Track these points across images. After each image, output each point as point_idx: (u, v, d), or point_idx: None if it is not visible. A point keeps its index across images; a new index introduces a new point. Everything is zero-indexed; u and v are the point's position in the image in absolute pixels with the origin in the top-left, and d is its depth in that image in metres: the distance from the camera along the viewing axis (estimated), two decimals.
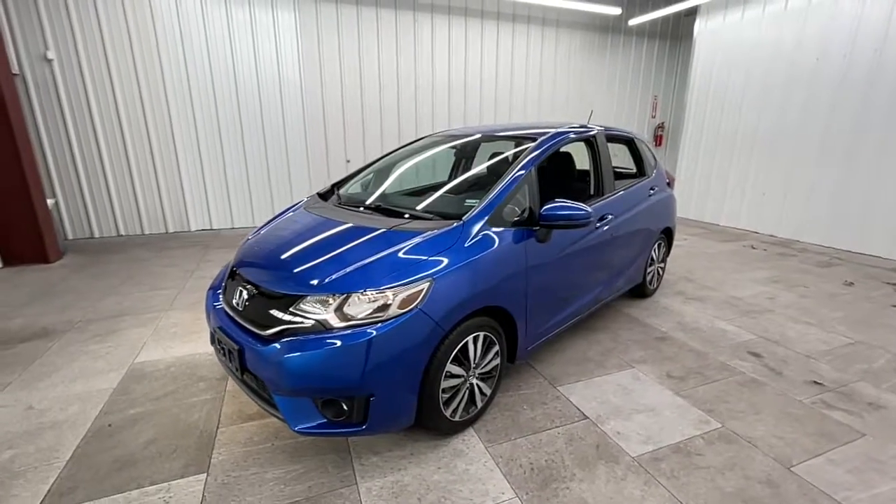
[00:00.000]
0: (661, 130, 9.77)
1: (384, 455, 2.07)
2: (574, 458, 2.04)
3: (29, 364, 2.86)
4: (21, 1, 5.49)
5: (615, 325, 3.50)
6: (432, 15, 7.46)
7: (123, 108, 6.14)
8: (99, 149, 6.16)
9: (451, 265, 1.97)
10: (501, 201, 2.29)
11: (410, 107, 7.71)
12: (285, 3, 6.60)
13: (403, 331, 1.80)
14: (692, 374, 2.77)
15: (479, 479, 1.92)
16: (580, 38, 8.59)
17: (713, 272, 4.86)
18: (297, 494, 1.84)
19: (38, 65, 5.71)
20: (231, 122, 6.70)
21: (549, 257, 2.48)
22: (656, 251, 3.92)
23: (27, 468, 1.97)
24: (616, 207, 3.13)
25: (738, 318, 3.64)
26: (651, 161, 3.89)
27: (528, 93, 8.48)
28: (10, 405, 2.43)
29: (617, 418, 2.34)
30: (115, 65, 5.98)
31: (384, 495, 1.83)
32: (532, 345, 2.58)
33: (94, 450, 2.09)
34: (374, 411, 1.81)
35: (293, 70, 6.83)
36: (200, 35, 6.28)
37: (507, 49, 8.09)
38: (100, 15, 5.81)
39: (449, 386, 2.05)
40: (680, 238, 6.44)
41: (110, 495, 1.83)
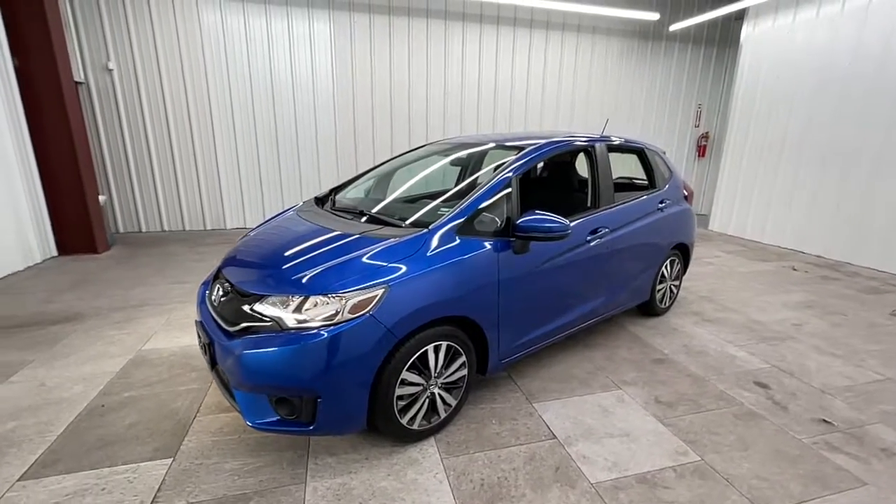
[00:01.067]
0: (705, 141, 9.24)
1: (340, 457, 2.10)
2: (529, 479, 1.98)
3: (53, 345, 3.16)
4: (88, 16, 6.11)
5: (613, 342, 3.35)
6: (463, 24, 7.52)
7: (171, 114, 6.65)
8: (149, 151, 6.71)
9: (409, 273, 1.97)
10: (472, 212, 2.27)
11: (439, 114, 7.79)
12: (321, 15, 6.91)
13: (353, 335, 1.82)
14: (683, 401, 2.60)
15: (426, 490, 1.90)
16: (617, 45, 8.33)
17: (740, 293, 4.52)
18: (247, 487, 1.91)
19: (101, 74, 6.32)
20: (267, 128, 7.08)
21: (526, 270, 2.43)
22: (668, 268, 3.72)
23: (23, 439, 2.18)
24: (613, 220, 3.00)
25: (753, 344, 3.37)
26: (664, 173, 3.70)
27: (561, 101, 8.32)
28: (26, 381, 2.69)
29: (587, 441, 2.24)
30: (166, 75, 6.51)
31: (328, 496, 1.86)
32: (508, 358, 2.53)
33: (83, 427, 2.28)
34: (322, 413, 1.84)
35: (326, 78, 7.12)
36: (242, 47, 6.70)
37: (539, 57, 7.99)
38: (154, 29, 6.35)
39: (406, 393, 2.06)
40: (712, 255, 6.06)
41: (85, 470, 1.98)
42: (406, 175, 3.26)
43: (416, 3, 7.22)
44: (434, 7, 7.31)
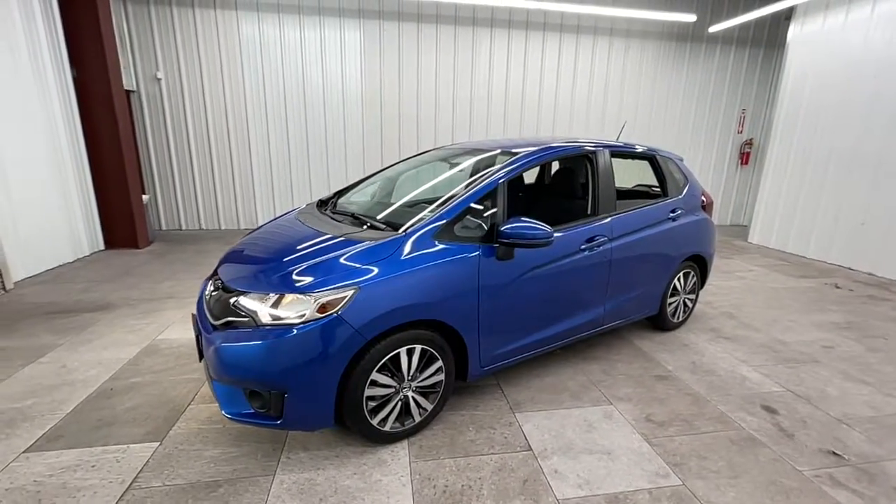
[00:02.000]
0: (749, 147, 8.72)
1: (313, 452, 2.16)
2: (493, 489, 1.94)
3: (82, 331, 3.44)
4: (142, 31, 6.64)
5: (615, 356, 3.23)
6: (491, 30, 7.53)
7: (211, 119, 7.09)
8: (190, 154, 7.17)
9: (380, 275, 2.00)
10: (452, 217, 2.27)
11: (465, 119, 7.83)
12: (352, 24, 7.14)
13: (319, 334, 1.87)
14: (677, 422, 2.46)
15: (387, 492, 1.92)
16: (653, 48, 8.04)
17: (768, 310, 4.23)
18: (220, 474, 1.99)
19: (150, 83, 6.84)
20: (298, 133, 7.38)
21: (511, 277, 2.40)
22: (681, 280, 3.54)
23: (37, 415, 2.39)
24: (614, 229, 2.90)
25: (770, 365, 3.14)
26: (678, 181, 3.53)
27: (592, 106, 8.13)
28: (52, 362, 2.95)
29: (563, 455, 2.17)
30: (208, 83, 6.95)
31: (292, 490, 1.91)
32: (491, 366, 2.50)
33: (89, 408, 2.46)
34: (289, 408, 1.90)
35: (356, 84, 7.34)
36: (277, 56, 7.04)
37: (568, 61, 7.86)
38: (198, 41, 6.80)
39: (377, 394, 2.08)
40: (745, 269, 5.70)
41: (82, 447, 2.14)
42: (410, 179, 3.31)
43: (444, 10, 7.31)
44: (462, 14, 7.37)
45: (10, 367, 2.88)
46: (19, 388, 2.64)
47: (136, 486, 1.91)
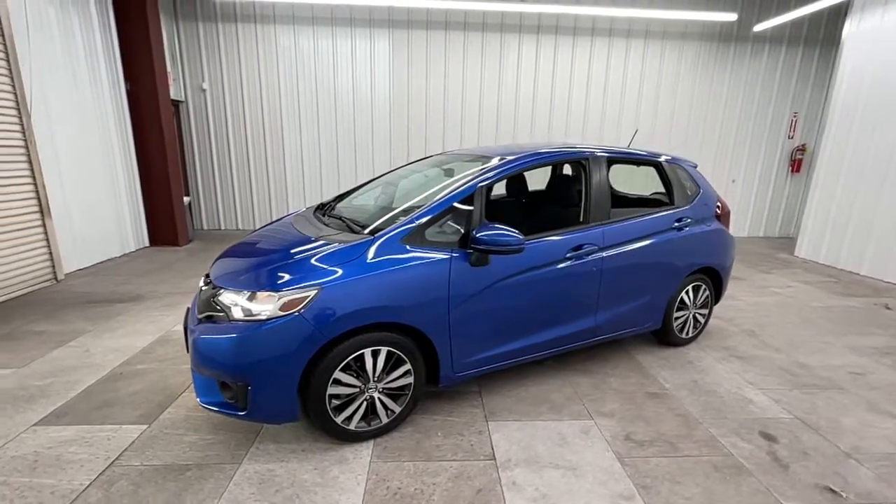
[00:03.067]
0: (801, 154, 8.06)
1: (281, 445, 2.24)
2: (445, 496, 1.93)
3: (110, 319, 3.77)
4: (191, 46, 7.19)
5: (610, 369, 3.10)
6: (519, 35, 7.49)
7: (249, 127, 7.54)
8: (229, 159, 7.66)
9: (344, 277, 2.06)
10: (423, 221, 2.29)
11: (491, 124, 7.81)
12: (381, 33, 7.36)
13: (281, 331, 1.96)
14: (658, 442, 2.33)
15: (341, 488, 1.96)
16: (692, 50, 7.66)
17: (796, 330, 3.89)
18: (193, 459, 2.12)
19: (197, 94, 7.39)
20: (329, 137, 7.68)
21: (485, 283, 2.38)
22: (689, 294, 3.34)
23: (52, 393, 2.65)
24: (606, 237, 2.80)
25: (783, 389, 2.90)
26: (687, 189, 3.35)
27: (624, 111, 7.86)
28: (77, 346, 3.26)
29: (526, 468, 2.12)
30: (247, 93, 7.40)
31: (252, 479, 2.00)
32: (465, 372, 2.49)
33: (98, 390, 2.70)
34: (252, 400, 2.00)
35: (384, 90, 7.55)
36: (311, 66, 7.39)
37: (600, 65, 7.65)
38: (240, 53, 7.27)
39: (340, 393, 2.13)
40: (783, 284, 5.27)
41: (81, 424, 2.36)
42: (405, 184, 3.36)
43: (472, 18, 7.36)
44: (490, 21, 7.39)
45: (43, 348, 3.21)
46: (45, 368, 2.93)
47: (117, 464, 2.07)
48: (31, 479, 1.96)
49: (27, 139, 4.42)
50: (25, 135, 4.41)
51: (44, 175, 4.60)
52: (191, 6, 7.06)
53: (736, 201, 8.32)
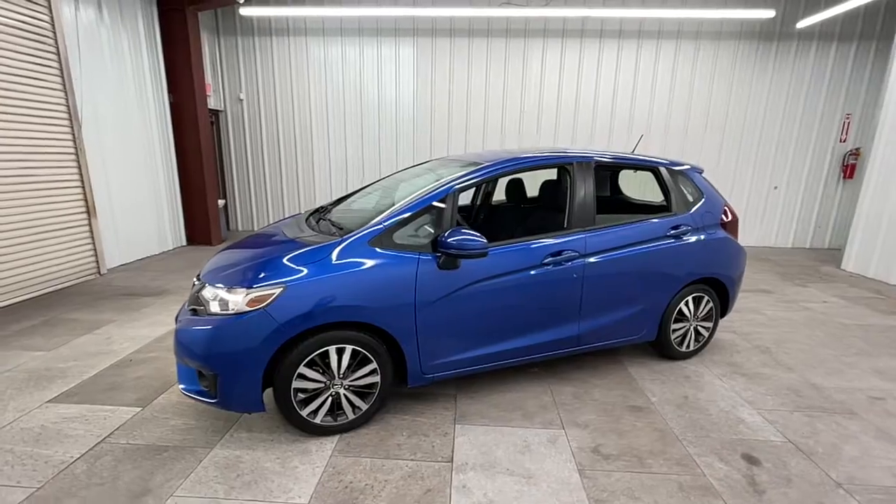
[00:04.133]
0: (854, 158, 7.41)
1: (253, 434, 2.37)
2: (393, 493, 1.97)
3: (135, 311, 4.11)
4: (231, 59, 7.71)
5: (597, 379, 3.01)
6: (544, 40, 7.43)
7: (282, 135, 7.95)
8: (263, 165, 8.11)
9: (309, 276, 2.16)
10: (391, 224, 2.36)
11: (515, 128, 7.78)
12: (406, 40, 7.55)
13: (246, 326, 2.08)
14: (627, 457, 2.25)
15: (297, 478, 2.05)
16: (728, 50, 7.27)
17: (819, 349, 3.60)
18: (172, 441, 2.29)
19: (234, 104, 7.90)
20: (355, 143, 7.96)
21: (455, 287, 2.41)
22: (689, 305, 3.19)
23: (69, 374, 2.94)
24: (588, 244, 2.74)
25: (784, 411, 2.70)
26: (687, 195, 3.20)
27: (654, 116, 7.58)
28: (102, 334, 3.58)
29: (480, 472, 2.12)
30: (280, 102, 7.82)
31: (219, 464, 2.14)
32: (435, 374, 2.52)
33: (108, 374, 2.97)
34: (220, 389, 2.14)
35: (408, 96, 7.73)
36: (339, 75, 7.70)
37: (628, 68, 7.44)
38: (274, 65, 7.70)
39: (305, 388, 2.23)
40: (817, 298, 4.88)
41: (87, 404, 2.60)
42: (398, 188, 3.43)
43: (495, 25, 7.40)
44: (514, 27, 7.39)
45: (72, 334, 3.56)
46: (69, 353, 3.26)
47: (106, 441, 2.28)
48: (32, 449, 2.20)
49: (77, 147, 4.92)
50: (76, 143, 4.91)
51: (91, 179, 5.09)
52: (231, 22, 7.58)
53: (778, 210, 7.78)
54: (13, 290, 4.26)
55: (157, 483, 2.00)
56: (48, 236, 4.62)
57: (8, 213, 4.21)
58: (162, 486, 1.98)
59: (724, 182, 7.68)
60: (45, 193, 4.58)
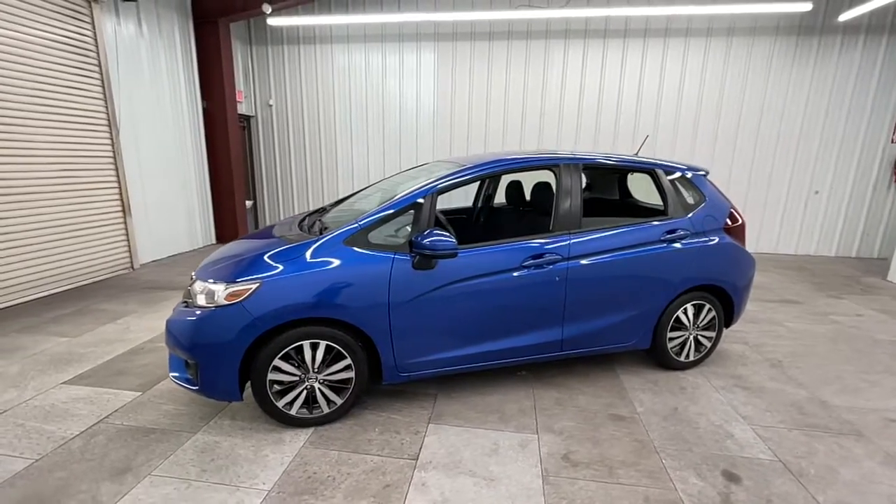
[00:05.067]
0: None
1: (236, 422, 2.49)
2: (353, 486, 2.02)
3: (156, 304, 4.40)
4: (262, 67, 8.09)
5: (585, 386, 2.94)
6: (566, 41, 7.32)
7: (308, 138, 8.25)
8: (290, 168, 8.44)
9: (283, 273, 2.26)
10: (366, 224, 2.42)
11: (534, 132, 7.70)
12: (427, 46, 7.65)
13: (223, 319, 2.20)
14: (596, 466, 2.19)
15: (265, 466, 2.14)
16: (764, 47, 6.89)
17: (838, 365, 3.34)
18: (161, 424, 2.45)
19: (264, 109, 8.28)
20: (377, 146, 8.13)
21: (431, 287, 2.43)
22: (688, 313, 3.05)
23: (87, 359, 3.19)
24: (572, 248, 2.69)
25: (782, 428, 2.53)
26: (686, 198, 3.07)
27: (681, 118, 7.28)
28: (123, 324, 3.87)
29: (442, 471, 2.13)
30: (306, 107, 8.13)
31: (197, 448, 2.26)
32: (411, 373, 2.55)
33: (120, 360, 3.20)
34: (202, 377, 2.27)
35: (429, 99, 7.83)
36: (362, 79, 7.91)
37: (654, 69, 7.19)
38: (301, 71, 8.01)
39: (281, 380, 2.32)
40: (851, 311, 4.52)
41: (95, 387, 2.82)
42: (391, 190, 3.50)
43: (516, 27, 7.36)
44: (535, 28, 7.33)
45: (97, 323, 3.87)
46: (91, 339, 3.54)
47: (104, 421, 2.47)
48: (40, 425, 2.42)
49: (115, 151, 5.34)
50: (114, 147, 5.33)
51: (127, 180, 5.50)
52: (263, 32, 7.96)
53: (819, 216, 7.26)
54: (54, 282, 4.67)
55: (139, 462, 2.15)
56: (86, 233, 5.03)
57: (51, 212, 4.62)
58: (143, 465, 2.13)
59: (758, 187, 7.26)
60: (84, 193, 4.99)
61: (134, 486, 1.99)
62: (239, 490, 1.98)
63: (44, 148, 4.53)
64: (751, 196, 7.36)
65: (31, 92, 4.38)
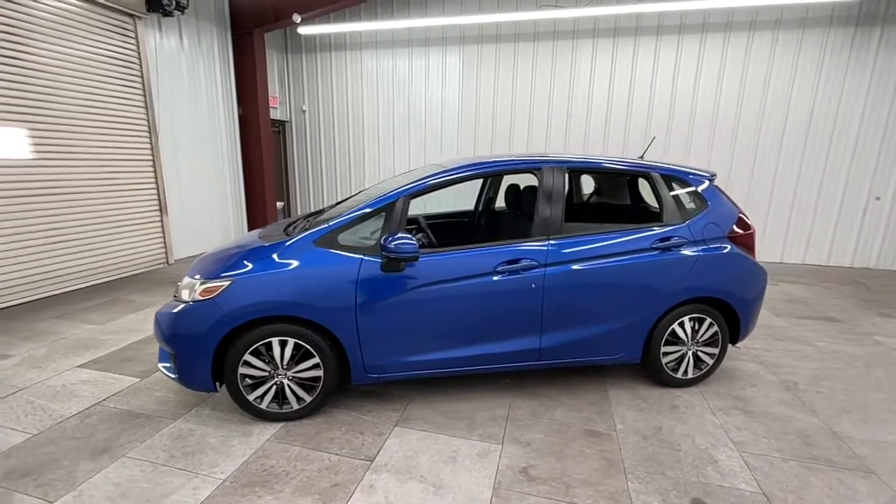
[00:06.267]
0: None
1: (215, 412, 2.62)
2: (303, 482, 2.06)
3: None
4: (296, 73, 8.47)
5: (565, 398, 2.83)
6: (594, 40, 7.09)
7: (338, 142, 8.54)
8: (321, 169, 8.76)
9: (252, 271, 2.35)
10: (336, 226, 2.47)
11: (560, 133, 7.51)
12: (453, 49, 7.69)
13: (198, 313, 2.33)
14: (554, 482, 2.10)
15: (229, 456, 2.23)
16: (816, 39, 6.31)
17: (867, 392, 2.99)
18: (148, 410, 2.63)
19: (298, 114, 8.65)
20: (402, 148, 8.26)
21: (399, 290, 2.44)
22: (685, 327, 2.85)
23: (104, 345, 3.48)
24: (550, 254, 2.60)
25: (776, 458, 2.30)
26: (686, 204, 2.87)
27: (720, 119, 6.82)
28: (143, 314, 4.18)
29: (394, 475, 2.12)
30: (336, 111, 8.41)
31: (173, 435, 2.40)
32: (381, 374, 2.57)
33: (131, 347, 3.46)
34: (178, 367, 2.41)
35: (454, 103, 7.85)
36: (389, 85, 8.07)
37: (689, 67, 6.80)
38: (332, 77, 8.31)
39: (251, 374, 2.42)
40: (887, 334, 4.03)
41: (102, 371, 3.07)
42: None
43: (542, 27, 7.22)
44: (561, 28, 7.15)
45: (123, 313, 4.20)
46: (114, 327, 3.85)
47: (101, 403, 2.68)
48: (46, 403, 2.67)
49: (154, 154, 5.78)
50: (153, 151, 5.77)
51: (164, 181, 5.95)
52: (297, 41, 8.32)
53: (881, 225, 6.53)
54: (94, 274, 5.13)
55: (118, 444, 2.31)
56: (126, 229, 5.49)
57: (95, 210, 5.09)
58: (122, 446, 2.29)
59: (807, 192, 6.65)
60: (125, 193, 5.45)
61: (107, 465, 2.15)
62: (197, 477, 2.08)
63: (89, 152, 4.99)
64: (798, 201, 6.75)
65: (80, 101, 4.85)
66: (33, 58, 4.42)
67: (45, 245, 4.63)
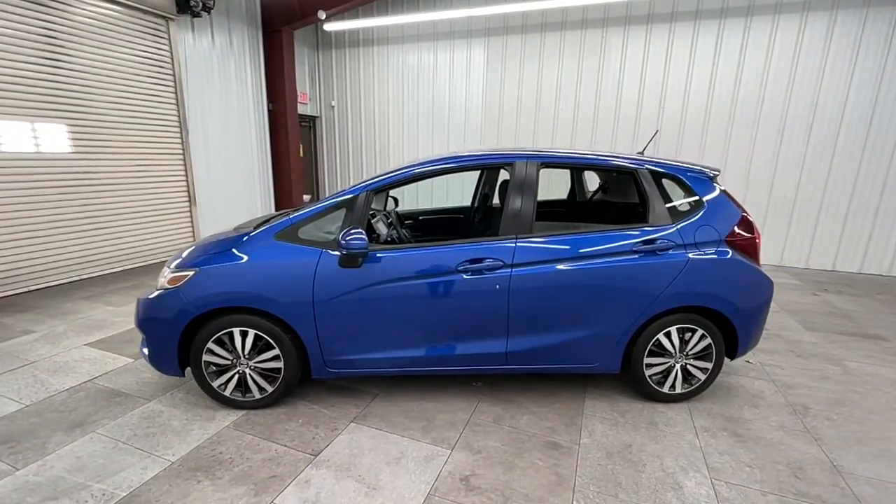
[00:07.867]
0: None
1: (188, 396, 2.73)
2: (244, 470, 2.10)
3: None
4: (326, 70, 8.67)
5: (537, 406, 2.69)
6: (626, 27, 6.69)
7: (364, 136, 8.68)
8: (349, 162, 8.94)
9: (213, 263, 2.42)
10: (297, 220, 2.48)
11: (588, 125, 7.17)
12: (478, 42, 7.55)
13: (163, 301, 2.43)
14: (493, 494, 1.99)
15: (184, 440, 2.31)
16: (882, 19, 5.58)
17: (890, 423, 2.61)
18: (130, 390, 2.78)
19: (327, 110, 8.87)
20: (426, 140, 8.24)
21: (356, 286, 2.42)
22: (672, 338, 2.62)
23: (114, 327, 3.74)
24: (517, 253, 2.46)
25: (755, 490, 2.05)
26: (675, 204, 2.63)
27: (764, 107, 6.22)
28: None
29: (333, 471, 2.11)
30: (363, 106, 8.55)
31: (143, 415, 2.53)
32: (340, 370, 2.57)
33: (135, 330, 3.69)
34: (149, 350, 2.53)
35: (478, 96, 7.73)
36: (414, 78, 8.07)
37: (732, 54, 6.24)
38: (360, 73, 8.43)
39: (214, 362, 2.49)
40: None
41: (104, 350, 3.30)
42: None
43: (571, 16, 6.91)
44: (591, 17, 6.80)
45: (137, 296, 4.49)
46: (130, 310, 4.13)
47: (92, 380, 2.88)
48: (47, 377, 2.90)
49: (184, 149, 6.14)
50: (183, 145, 6.13)
51: (193, 174, 6.30)
52: (327, 37, 8.51)
53: None
54: (125, 259, 5.54)
55: (93, 419, 2.47)
56: (157, 219, 5.88)
57: (128, 200, 5.48)
58: (94, 422, 2.45)
59: (868, 189, 5.92)
60: (156, 185, 5.83)
61: (77, 439, 2.30)
62: (150, 457, 2.18)
63: (124, 146, 5.38)
64: (855, 201, 6.02)
65: (116, 99, 5.23)
66: (73, 59, 4.80)
67: (82, 232, 5.05)
